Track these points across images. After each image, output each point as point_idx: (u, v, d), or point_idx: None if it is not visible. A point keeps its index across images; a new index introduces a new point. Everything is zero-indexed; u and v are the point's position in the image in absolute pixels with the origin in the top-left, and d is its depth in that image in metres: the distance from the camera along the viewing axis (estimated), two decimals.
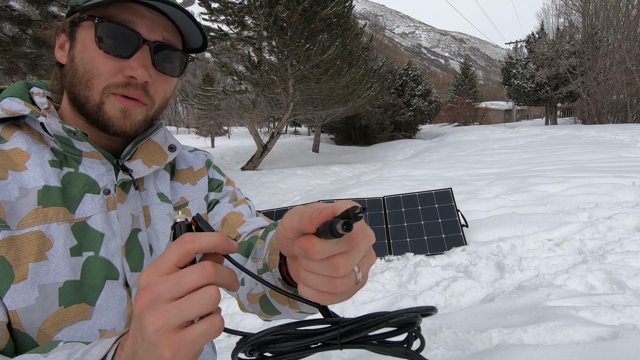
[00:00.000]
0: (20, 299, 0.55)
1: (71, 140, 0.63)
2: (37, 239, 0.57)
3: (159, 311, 0.36)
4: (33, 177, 0.60)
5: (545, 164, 7.56)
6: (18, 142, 0.62)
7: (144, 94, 0.64)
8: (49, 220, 0.59)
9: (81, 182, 0.64)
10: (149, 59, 0.63)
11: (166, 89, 0.68)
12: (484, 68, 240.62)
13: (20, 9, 5.76)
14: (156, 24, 0.63)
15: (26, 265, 0.56)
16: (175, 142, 0.76)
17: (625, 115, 22.00)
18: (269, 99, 13.68)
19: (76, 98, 0.64)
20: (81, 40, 0.63)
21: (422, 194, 4.37)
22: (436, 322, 2.43)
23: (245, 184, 10.26)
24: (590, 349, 1.86)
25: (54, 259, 0.58)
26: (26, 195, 0.59)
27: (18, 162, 0.60)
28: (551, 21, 41.24)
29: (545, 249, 3.44)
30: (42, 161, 0.62)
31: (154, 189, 0.73)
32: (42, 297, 0.56)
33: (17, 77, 6.94)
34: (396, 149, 20.05)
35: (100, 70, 0.61)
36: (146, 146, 0.71)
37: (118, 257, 0.64)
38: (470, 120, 37.54)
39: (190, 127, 47.22)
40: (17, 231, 0.57)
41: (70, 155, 0.65)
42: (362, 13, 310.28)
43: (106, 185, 0.66)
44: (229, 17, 12.75)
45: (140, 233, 0.68)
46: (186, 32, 0.68)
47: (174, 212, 0.75)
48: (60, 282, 0.58)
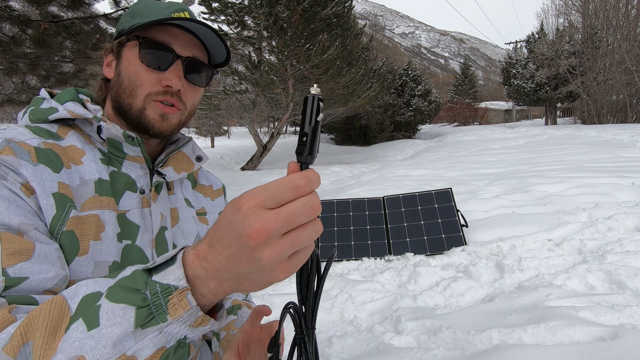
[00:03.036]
0: (80, 270, 0.64)
1: (121, 144, 0.75)
2: (95, 221, 0.67)
3: (274, 247, 0.41)
4: (89, 170, 0.71)
5: (545, 164, 7.56)
6: (73, 140, 0.73)
7: (178, 101, 0.77)
8: (103, 207, 0.69)
9: (124, 180, 0.75)
10: (182, 72, 0.76)
11: (195, 98, 0.81)
12: (483, 68, 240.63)
13: (20, 9, 5.75)
14: (187, 43, 0.77)
15: (88, 241, 0.66)
16: (202, 154, 0.89)
17: (625, 115, 22.01)
18: (269, 99, 13.68)
19: (121, 106, 0.76)
20: (127, 57, 0.76)
21: (422, 194, 4.37)
22: (436, 322, 2.43)
23: (245, 184, 10.26)
24: (590, 349, 1.86)
25: (105, 241, 0.68)
26: (85, 185, 0.69)
27: (75, 157, 0.71)
28: (551, 21, 41.27)
29: (545, 249, 3.44)
30: (95, 158, 0.73)
31: (181, 194, 0.86)
32: (97, 272, 0.65)
33: (16, 77, 6.93)
34: (396, 149, 20.05)
35: (143, 80, 0.74)
36: (177, 156, 0.84)
37: (149, 248, 0.75)
38: (470, 120, 37.54)
39: (190, 127, 47.17)
40: (82, 212, 0.67)
41: (114, 157, 0.76)
42: (362, 13, 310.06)
43: (142, 186, 0.77)
44: (229, 17, 12.75)
45: (167, 231, 0.78)
46: (212, 50, 0.81)
47: (196, 215, 0.87)
48: (110, 261, 0.68)
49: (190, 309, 0.44)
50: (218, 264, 0.43)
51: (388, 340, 2.33)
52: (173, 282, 0.44)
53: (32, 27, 5.67)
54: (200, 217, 0.89)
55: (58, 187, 0.65)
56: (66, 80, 7.19)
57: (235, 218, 0.41)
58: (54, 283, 0.58)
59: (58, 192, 0.65)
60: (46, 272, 0.57)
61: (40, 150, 0.66)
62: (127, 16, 0.78)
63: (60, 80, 7.15)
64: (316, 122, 0.45)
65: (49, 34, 5.60)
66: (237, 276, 0.43)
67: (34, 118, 0.74)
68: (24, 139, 0.66)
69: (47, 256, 0.58)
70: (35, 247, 0.57)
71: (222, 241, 0.43)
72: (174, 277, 0.44)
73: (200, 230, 0.87)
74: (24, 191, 0.61)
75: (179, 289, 0.44)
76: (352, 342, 2.38)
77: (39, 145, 0.67)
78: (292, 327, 0.54)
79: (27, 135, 0.68)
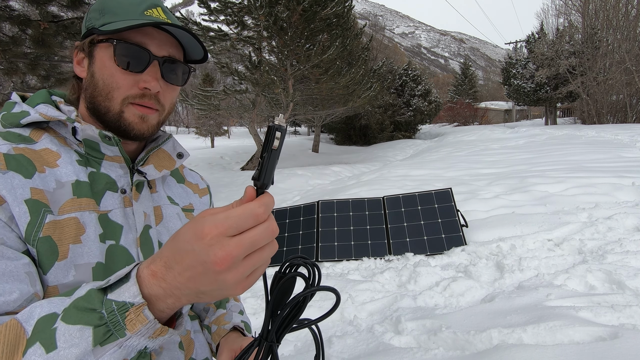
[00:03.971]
0: (61, 275, 0.64)
1: (98, 145, 0.74)
2: (74, 224, 0.67)
3: (237, 269, 0.45)
4: (65, 172, 0.70)
5: (545, 164, 7.56)
6: (47, 143, 0.72)
7: (156, 102, 0.76)
8: (82, 209, 0.69)
9: (103, 181, 0.74)
10: (159, 72, 0.75)
11: (173, 97, 0.81)
12: (483, 68, 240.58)
13: (20, 9, 5.75)
14: (163, 42, 0.75)
15: (67, 245, 0.65)
16: (183, 150, 0.89)
17: (624, 115, 22.01)
18: (269, 99, 13.68)
19: (97, 108, 0.75)
20: (100, 58, 0.74)
21: (422, 194, 4.37)
22: (436, 322, 2.43)
23: (244, 184, 10.26)
24: (589, 348, 1.86)
25: (87, 243, 0.67)
26: (62, 187, 0.68)
27: (50, 160, 0.70)
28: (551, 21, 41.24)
29: (545, 249, 3.44)
30: (71, 160, 0.72)
31: (164, 192, 0.86)
32: (78, 275, 0.65)
33: (16, 77, 6.93)
34: (396, 149, 20.04)
35: (119, 84, 0.72)
36: (157, 154, 0.84)
37: (134, 247, 0.75)
38: (470, 120, 37.53)
39: (190, 127, 47.18)
40: (59, 216, 0.66)
41: (92, 158, 0.75)
42: (361, 13, 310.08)
43: (123, 185, 0.76)
44: (228, 17, 12.74)
45: (151, 230, 0.78)
46: (188, 47, 0.80)
47: (181, 212, 0.87)
48: (93, 262, 0.67)
49: (148, 323, 0.47)
50: (177, 284, 0.46)
51: (388, 340, 2.33)
52: (129, 299, 0.46)
53: (32, 27, 5.67)
54: (187, 214, 0.89)
55: (30, 193, 0.64)
56: (66, 80, 7.19)
57: (199, 246, 0.44)
58: (17, 305, 0.57)
59: (31, 198, 0.64)
60: (9, 293, 0.56)
61: (9, 156, 0.65)
62: (96, 12, 0.75)
63: (60, 80, 7.14)
64: (271, 151, 0.47)
65: (49, 33, 5.60)
66: (197, 293, 0.47)
67: (6, 123, 0.72)
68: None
69: (13, 274, 0.58)
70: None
71: (182, 264, 0.45)
72: (129, 294, 0.46)
73: None
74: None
75: (135, 305, 0.46)
76: (352, 342, 2.38)
77: (8, 151, 0.66)
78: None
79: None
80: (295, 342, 2.47)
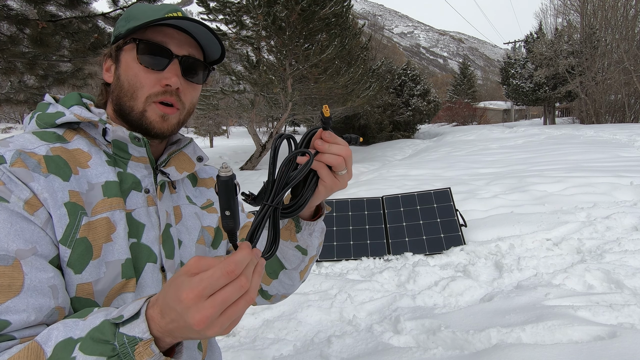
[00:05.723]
0: (95, 272, 0.69)
1: (127, 145, 0.77)
2: (106, 223, 0.71)
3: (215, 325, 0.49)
4: (96, 173, 0.74)
5: (543, 163, 7.57)
6: (79, 144, 0.76)
7: (177, 99, 0.79)
8: (113, 208, 0.73)
9: (130, 180, 0.78)
10: (179, 70, 0.78)
11: (193, 96, 0.84)
12: (482, 68, 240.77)
13: (18, 8, 5.73)
14: (183, 42, 0.80)
15: (100, 244, 0.70)
16: (203, 154, 0.93)
17: (623, 114, 22.06)
18: (268, 98, 13.67)
19: (122, 108, 0.79)
20: (125, 60, 0.79)
21: (420, 193, 4.37)
22: (435, 321, 2.43)
23: (244, 183, 10.25)
24: (588, 348, 1.86)
25: (117, 240, 0.72)
26: (93, 189, 0.72)
27: (82, 160, 0.74)
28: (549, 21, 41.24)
29: (544, 249, 3.45)
30: (101, 160, 0.76)
31: (183, 192, 0.90)
32: (109, 272, 0.70)
33: (14, 77, 6.91)
34: (395, 148, 20.04)
35: (142, 82, 0.77)
36: (178, 157, 0.88)
37: (156, 244, 0.78)
38: (469, 120, 37.55)
39: (188, 127, 47.10)
40: (92, 217, 0.70)
41: (119, 158, 0.79)
42: (360, 13, 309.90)
43: (147, 185, 0.80)
44: (227, 16, 12.73)
45: (171, 228, 0.82)
46: (207, 47, 0.84)
47: (200, 210, 0.91)
48: (122, 259, 0.72)
49: (154, 356, 0.52)
50: (169, 330, 0.51)
51: (387, 339, 2.33)
52: (139, 335, 0.51)
53: (30, 26, 5.65)
54: (208, 209, 0.93)
55: (69, 196, 0.68)
56: (64, 80, 7.18)
57: (179, 307, 0.48)
58: (37, 322, 0.61)
59: (70, 201, 0.68)
60: (31, 311, 0.60)
61: (49, 158, 0.69)
62: (123, 21, 0.80)
63: (58, 79, 7.13)
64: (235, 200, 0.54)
65: (47, 33, 5.58)
66: (187, 336, 0.52)
67: (42, 123, 0.76)
68: (32, 148, 0.69)
69: (38, 288, 0.61)
70: (25, 281, 0.60)
71: (170, 316, 0.50)
72: (139, 329, 0.52)
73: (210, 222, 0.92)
74: (27, 209, 0.63)
75: (144, 340, 0.51)
76: (351, 341, 2.38)
77: (47, 152, 0.70)
78: None
79: (35, 143, 0.70)
80: (295, 342, 2.47)
